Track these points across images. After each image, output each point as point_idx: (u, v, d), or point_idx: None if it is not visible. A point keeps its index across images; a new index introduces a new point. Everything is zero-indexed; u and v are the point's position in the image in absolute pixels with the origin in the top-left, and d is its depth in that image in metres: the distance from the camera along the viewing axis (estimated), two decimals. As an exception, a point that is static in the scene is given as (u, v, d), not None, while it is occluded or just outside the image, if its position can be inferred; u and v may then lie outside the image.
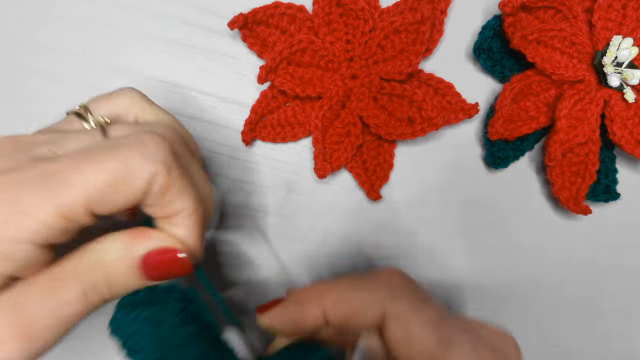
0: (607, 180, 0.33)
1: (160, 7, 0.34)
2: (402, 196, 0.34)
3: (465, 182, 0.34)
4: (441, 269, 0.34)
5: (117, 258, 0.20)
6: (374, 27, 0.32)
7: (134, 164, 0.20)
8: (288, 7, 0.32)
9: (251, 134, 0.32)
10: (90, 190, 0.19)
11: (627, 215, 0.35)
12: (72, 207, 0.19)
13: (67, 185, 0.19)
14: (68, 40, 0.34)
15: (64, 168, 0.19)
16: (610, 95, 0.32)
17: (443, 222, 0.34)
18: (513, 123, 0.32)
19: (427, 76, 0.33)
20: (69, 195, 0.19)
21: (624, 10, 0.32)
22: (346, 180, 0.34)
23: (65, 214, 0.19)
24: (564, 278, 0.35)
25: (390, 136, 0.31)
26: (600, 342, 0.35)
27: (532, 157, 0.35)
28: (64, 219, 0.19)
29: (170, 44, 0.34)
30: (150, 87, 0.34)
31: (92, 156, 0.19)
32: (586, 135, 0.31)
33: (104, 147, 0.20)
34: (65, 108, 0.26)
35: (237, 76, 0.34)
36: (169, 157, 0.21)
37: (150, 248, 0.21)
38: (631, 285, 0.35)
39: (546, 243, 0.35)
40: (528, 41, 0.30)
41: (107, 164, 0.19)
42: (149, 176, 0.20)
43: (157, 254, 0.21)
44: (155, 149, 0.20)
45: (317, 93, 0.32)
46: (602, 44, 0.32)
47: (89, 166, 0.19)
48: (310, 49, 0.31)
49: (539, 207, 0.35)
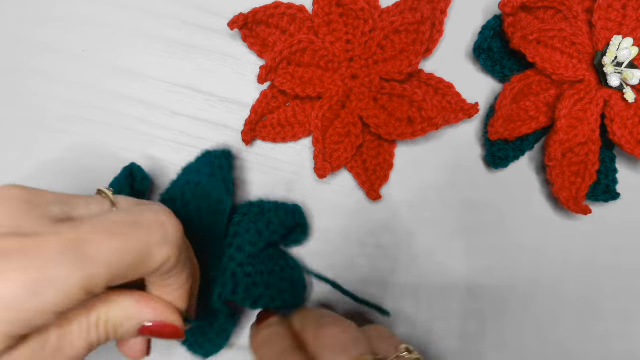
0: (607, 180, 0.33)
1: (160, 7, 0.34)
2: (402, 196, 0.34)
3: (465, 182, 0.34)
4: (441, 269, 0.34)
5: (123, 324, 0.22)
6: (374, 27, 0.32)
7: (154, 248, 0.21)
8: (288, 7, 0.32)
9: (251, 134, 0.32)
10: (113, 269, 0.20)
11: (627, 215, 0.35)
12: (95, 283, 0.19)
13: (93, 260, 0.19)
14: (68, 40, 0.34)
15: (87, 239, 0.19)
16: (610, 95, 0.32)
17: (443, 222, 0.34)
18: (513, 123, 0.32)
19: (427, 76, 0.33)
20: (94, 270, 0.19)
21: (624, 10, 0.32)
22: (346, 180, 0.34)
23: (87, 288, 0.19)
24: (563, 278, 0.35)
25: (390, 136, 0.31)
26: (600, 342, 0.35)
27: (532, 157, 0.35)
28: (85, 292, 0.19)
29: (170, 44, 0.34)
30: (150, 87, 0.34)
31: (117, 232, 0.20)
32: (586, 135, 0.31)
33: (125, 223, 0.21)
34: (65, 108, 0.26)
35: (237, 76, 0.34)
36: (181, 240, 0.22)
37: (155, 319, 0.23)
38: (631, 285, 0.35)
39: (546, 243, 0.35)
40: (528, 41, 0.30)
41: (132, 245, 0.20)
42: (165, 259, 0.21)
43: (159, 325, 0.23)
44: (172, 231, 0.22)
45: (317, 93, 0.32)
46: (602, 44, 0.32)
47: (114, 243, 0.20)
48: (310, 49, 0.31)
49: (539, 207, 0.35)
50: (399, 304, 0.34)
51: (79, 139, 0.33)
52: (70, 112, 0.33)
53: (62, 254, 0.19)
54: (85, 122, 0.33)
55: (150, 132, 0.34)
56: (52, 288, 0.18)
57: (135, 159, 0.33)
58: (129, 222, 0.21)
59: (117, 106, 0.34)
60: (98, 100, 0.34)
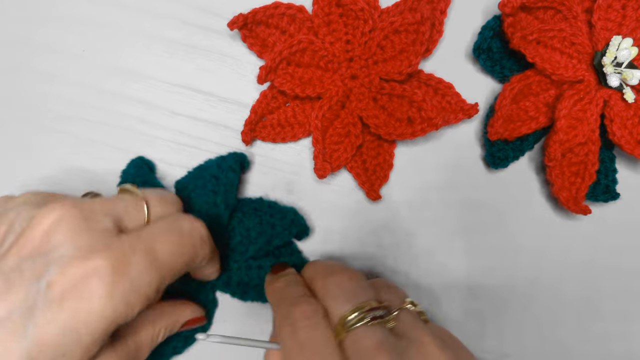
0: (606, 180, 0.33)
1: (160, 7, 0.34)
2: (402, 196, 0.34)
3: (465, 182, 0.34)
4: (441, 269, 0.34)
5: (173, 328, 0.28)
6: (374, 28, 0.32)
7: (198, 248, 0.25)
8: (288, 7, 0.32)
9: (251, 134, 0.32)
10: (175, 270, 0.23)
11: (626, 215, 0.35)
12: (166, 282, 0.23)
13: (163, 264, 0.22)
14: (68, 41, 0.34)
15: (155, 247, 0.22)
16: (610, 95, 0.32)
17: (443, 222, 0.34)
18: (513, 123, 0.32)
19: (427, 76, 0.33)
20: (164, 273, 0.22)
21: (624, 11, 0.32)
22: (346, 180, 0.34)
23: (160, 290, 0.23)
24: (563, 278, 0.35)
25: (390, 136, 0.31)
26: (600, 342, 0.35)
27: (531, 157, 0.35)
28: (157, 292, 0.22)
29: (170, 44, 0.34)
30: (150, 87, 0.34)
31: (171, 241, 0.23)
32: (586, 135, 0.31)
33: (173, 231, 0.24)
34: (65, 108, 0.26)
35: (237, 76, 0.34)
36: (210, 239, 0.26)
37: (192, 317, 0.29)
38: (630, 286, 0.35)
39: (546, 243, 0.35)
40: (528, 41, 0.30)
41: (184, 249, 0.24)
42: (204, 257, 0.26)
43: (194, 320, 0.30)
44: (205, 232, 0.26)
45: (317, 93, 0.32)
46: (602, 44, 0.32)
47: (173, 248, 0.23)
48: (310, 49, 0.31)
49: (539, 207, 0.35)
50: (399, 304, 0.34)
51: (79, 139, 0.34)
52: (70, 112, 0.34)
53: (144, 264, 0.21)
54: (85, 122, 0.34)
55: (150, 132, 0.34)
56: (141, 294, 0.21)
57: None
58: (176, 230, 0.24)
59: (117, 106, 0.34)
60: (98, 100, 0.34)
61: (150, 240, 0.22)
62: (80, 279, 0.20)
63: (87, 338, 0.20)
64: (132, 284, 0.21)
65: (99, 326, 0.20)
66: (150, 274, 0.21)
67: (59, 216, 0.21)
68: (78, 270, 0.20)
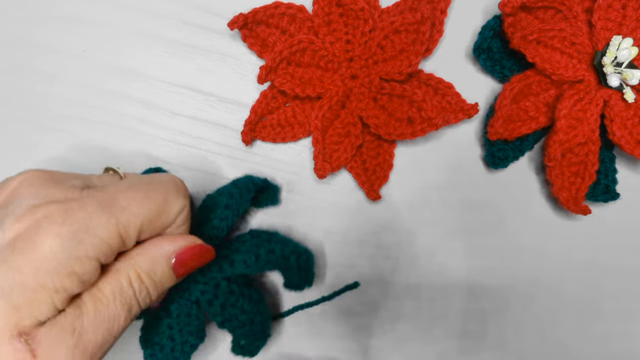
0: (606, 181, 0.33)
1: (160, 7, 0.34)
2: (402, 196, 0.34)
3: (465, 182, 0.34)
4: (441, 269, 0.34)
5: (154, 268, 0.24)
6: (374, 27, 0.32)
7: (172, 199, 0.24)
8: (288, 7, 0.32)
9: (251, 134, 0.32)
10: (141, 216, 0.22)
11: (626, 215, 0.35)
12: (128, 229, 0.22)
13: (124, 210, 0.22)
14: (68, 41, 0.34)
15: (116, 196, 0.22)
16: (610, 95, 0.32)
17: (443, 222, 0.34)
18: (513, 123, 0.32)
19: (427, 76, 0.33)
20: (125, 218, 0.22)
21: (624, 10, 0.32)
22: (346, 180, 0.34)
23: (121, 234, 0.22)
24: (564, 278, 0.35)
25: (390, 136, 0.31)
26: (600, 342, 0.35)
27: (531, 157, 0.35)
28: (120, 238, 0.22)
29: (170, 44, 0.34)
30: (150, 87, 0.34)
31: (139, 188, 0.23)
32: (586, 135, 0.31)
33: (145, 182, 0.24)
34: (65, 108, 0.27)
35: (237, 76, 0.34)
36: (188, 193, 0.26)
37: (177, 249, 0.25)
38: (631, 285, 0.35)
39: (546, 243, 0.35)
40: (528, 41, 0.30)
41: (153, 196, 0.23)
42: (181, 209, 0.25)
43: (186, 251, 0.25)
44: (183, 186, 0.25)
45: (317, 93, 0.32)
46: (602, 44, 0.32)
47: (139, 196, 0.23)
48: (310, 49, 0.31)
49: (539, 208, 0.35)
50: (400, 303, 0.34)
51: (79, 139, 0.34)
52: (70, 112, 0.34)
53: (97, 207, 0.21)
54: (85, 122, 0.34)
55: (150, 132, 0.34)
56: (93, 235, 0.21)
57: (135, 159, 0.33)
58: (147, 181, 0.24)
59: (117, 106, 0.34)
60: (98, 100, 0.34)
61: (114, 191, 0.22)
62: (34, 224, 0.20)
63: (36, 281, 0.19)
64: (82, 223, 0.20)
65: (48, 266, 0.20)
66: (105, 215, 0.21)
67: (29, 176, 0.22)
68: (32, 217, 0.20)
